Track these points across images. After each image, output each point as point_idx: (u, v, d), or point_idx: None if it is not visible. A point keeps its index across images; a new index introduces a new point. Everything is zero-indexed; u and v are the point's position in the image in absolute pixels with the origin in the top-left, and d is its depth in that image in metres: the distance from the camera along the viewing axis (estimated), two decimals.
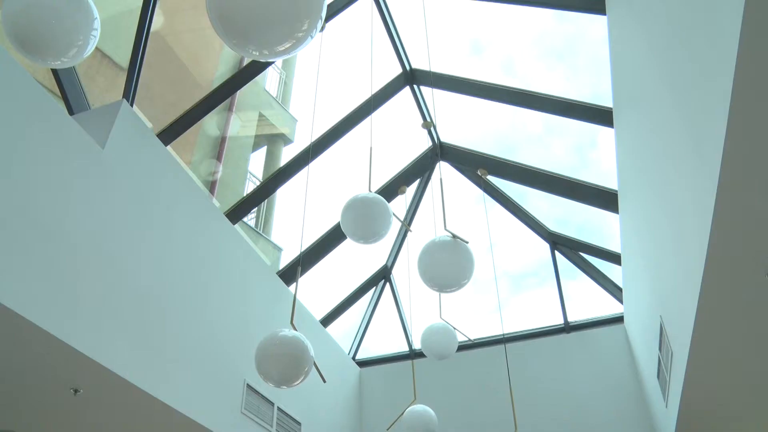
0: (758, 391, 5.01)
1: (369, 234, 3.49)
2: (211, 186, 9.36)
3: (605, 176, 6.92)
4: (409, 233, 7.89)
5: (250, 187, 10.67)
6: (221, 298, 5.83)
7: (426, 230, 8.57)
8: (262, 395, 6.19)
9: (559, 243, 8.32)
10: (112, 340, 4.23)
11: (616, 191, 6.46)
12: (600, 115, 6.13)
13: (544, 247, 8.48)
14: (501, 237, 8.54)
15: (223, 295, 5.88)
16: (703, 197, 3.08)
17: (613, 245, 7.73)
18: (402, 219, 4.67)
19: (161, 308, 4.86)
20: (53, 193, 3.94)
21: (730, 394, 5.04)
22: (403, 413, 4.92)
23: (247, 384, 5.94)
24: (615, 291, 8.20)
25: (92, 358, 4.00)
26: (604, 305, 8.61)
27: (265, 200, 9.23)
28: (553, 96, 6.46)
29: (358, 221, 3.51)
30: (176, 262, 5.17)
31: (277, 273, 7.41)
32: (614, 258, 7.72)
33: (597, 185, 6.95)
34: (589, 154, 8.50)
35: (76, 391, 4.44)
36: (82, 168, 4.25)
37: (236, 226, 6.70)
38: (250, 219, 10.97)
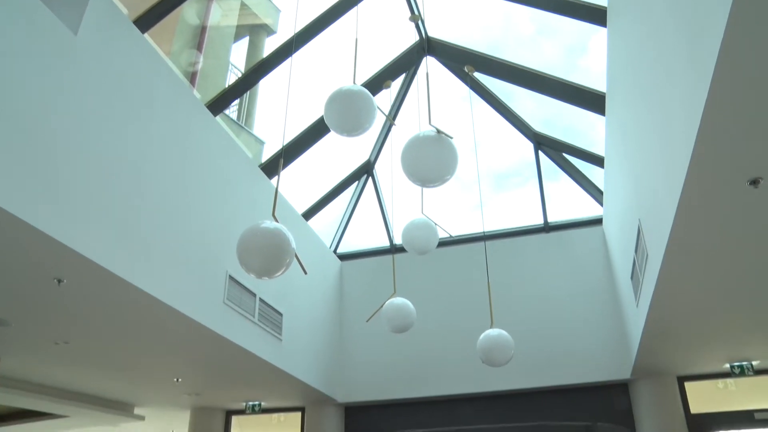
0: (726, 295, 5.17)
1: (352, 127, 3.42)
2: (192, 77, 9.08)
3: (594, 82, 6.83)
4: (393, 128, 7.80)
5: (231, 78, 10.40)
6: (203, 191, 5.79)
7: (410, 125, 8.49)
8: (244, 286, 6.29)
9: (544, 143, 8.30)
10: (94, 231, 4.22)
11: (604, 93, 6.38)
12: (594, 14, 5.95)
13: (528, 147, 8.46)
14: (486, 136, 8.48)
15: (205, 187, 5.84)
16: (692, 103, 3.04)
17: (597, 149, 7.73)
18: (386, 113, 4.59)
19: (143, 200, 4.83)
20: (26, 81, 3.77)
21: (700, 298, 5.20)
22: (382, 306, 5.02)
23: (229, 275, 6.02)
24: (596, 193, 8.28)
25: (74, 249, 3.99)
26: (584, 207, 8.73)
27: (247, 92, 9.02)
28: None
29: (342, 114, 3.44)
30: (157, 153, 5.09)
31: (259, 166, 7.36)
32: (597, 160, 7.74)
33: (585, 86, 6.86)
34: (579, 60, 8.34)
35: (59, 281, 4.48)
36: (55, 55, 4.06)
37: (218, 118, 6.58)
38: (232, 112, 10.76)
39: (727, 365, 7.27)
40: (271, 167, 7.50)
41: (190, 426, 9.27)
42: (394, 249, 8.97)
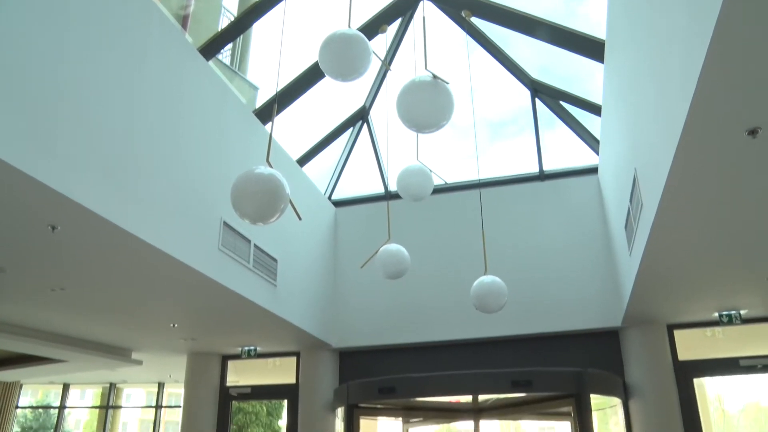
0: (719, 246, 5.19)
1: (348, 71, 3.36)
2: (184, 21, 8.88)
3: (593, 29, 6.71)
4: (388, 73, 7.69)
5: (224, 22, 10.18)
6: (197, 137, 5.73)
7: (406, 71, 8.35)
8: (239, 233, 6.29)
9: (541, 91, 8.21)
10: (87, 178, 4.18)
11: (603, 41, 6.27)
12: None
13: (525, 94, 8.37)
14: (482, 83, 8.38)
15: (199, 133, 5.77)
16: (693, 52, 2.99)
17: (595, 97, 7.65)
18: (382, 58, 4.51)
19: (136, 147, 4.77)
20: (15, 29, 3.64)
21: (692, 248, 5.23)
22: (377, 252, 5.04)
23: (224, 221, 6.01)
24: (592, 142, 8.23)
25: (68, 196, 3.97)
26: (580, 156, 8.70)
27: (240, 36, 8.84)
28: None
29: (337, 58, 3.37)
30: (150, 99, 5.00)
31: (253, 112, 7.27)
32: (595, 109, 7.66)
33: (584, 33, 6.73)
34: (578, 7, 8.18)
35: (53, 228, 4.46)
36: (45, 2, 3.92)
37: (210, 63, 6.46)
38: (224, 56, 10.59)
39: (716, 314, 7.37)
40: (265, 113, 7.41)
41: (187, 370, 9.42)
42: (388, 195, 8.96)
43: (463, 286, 5.99)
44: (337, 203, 9.47)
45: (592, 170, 8.47)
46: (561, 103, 8.22)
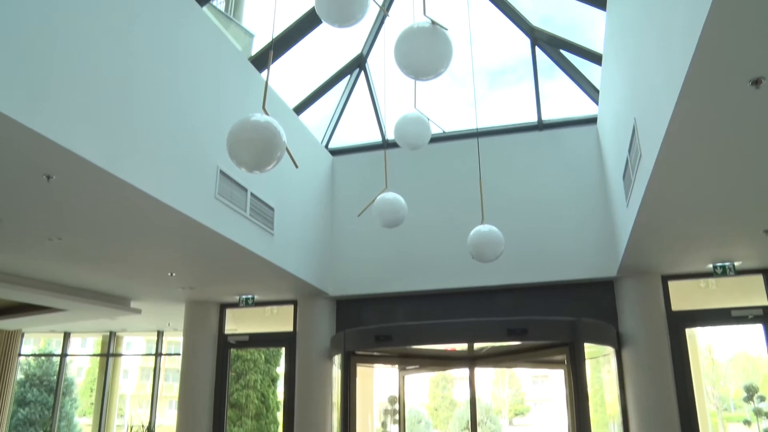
0: (716, 197, 5.19)
1: (345, 17, 3.27)
2: None
3: None
4: (386, 19, 7.54)
5: None
6: (192, 84, 5.64)
7: (404, 17, 8.20)
8: (235, 181, 6.26)
9: (541, 39, 8.08)
10: (82, 126, 4.13)
11: None
12: None
13: (525, 42, 8.24)
14: (481, 30, 8.23)
15: (194, 80, 5.68)
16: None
17: (596, 47, 7.53)
18: (380, 4, 4.42)
19: (131, 95, 4.70)
20: None
21: (690, 199, 5.22)
22: (373, 200, 5.02)
23: (220, 170, 5.98)
24: (592, 92, 8.15)
25: (62, 145, 3.92)
26: (579, 106, 8.62)
27: None
28: None
29: (334, 3, 3.28)
30: (144, 47, 4.90)
31: (249, 59, 7.15)
32: (595, 58, 7.56)
33: None
34: None
35: (48, 177, 4.43)
36: None
37: (205, 9, 6.31)
38: (219, 3, 10.37)
39: (710, 265, 7.43)
40: (261, 60, 7.29)
41: (186, 319, 9.51)
42: (386, 144, 8.90)
43: (460, 235, 6.00)
44: (334, 152, 9.42)
45: (591, 120, 8.41)
46: (561, 51, 8.10)
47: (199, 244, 6.41)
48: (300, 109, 8.60)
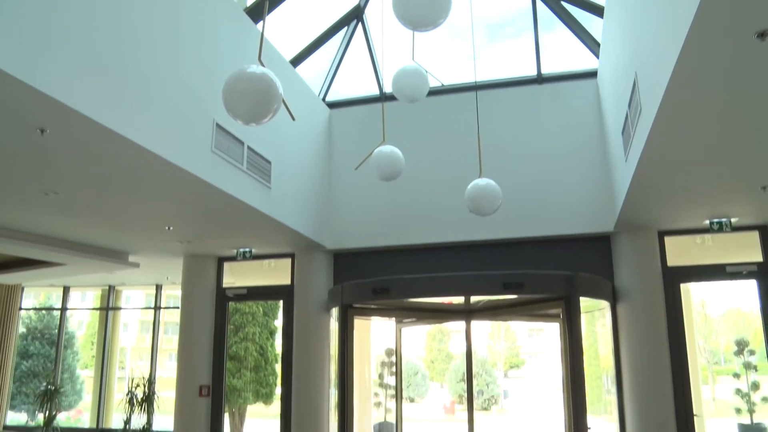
0: (716, 153, 5.16)
1: None
2: None
3: None
4: None
5: None
6: (187, 36, 5.54)
7: None
8: (232, 134, 6.21)
9: None
10: (75, 79, 4.06)
11: None
12: None
13: None
14: None
15: (189, 32, 5.58)
16: None
17: None
18: None
19: (125, 47, 4.61)
20: None
21: (689, 154, 5.19)
22: (371, 153, 4.99)
23: (217, 123, 5.92)
24: (592, 45, 8.04)
25: (55, 97, 3.85)
26: (580, 59, 8.50)
27: None
28: None
29: None
30: None
31: (244, 10, 7.01)
32: (597, 10, 7.44)
33: None
34: None
35: (42, 131, 4.37)
36: None
37: None
38: None
39: (707, 221, 7.44)
40: (257, 11, 7.15)
41: (184, 272, 9.56)
42: (384, 97, 8.81)
43: (457, 188, 5.98)
44: (332, 105, 9.33)
45: (591, 74, 8.31)
46: (562, 3, 7.96)
47: (196, 198, 6.39)
48: (296, 61, 8.48)
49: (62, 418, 13.11)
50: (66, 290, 13.38)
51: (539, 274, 7.34)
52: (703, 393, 9.27)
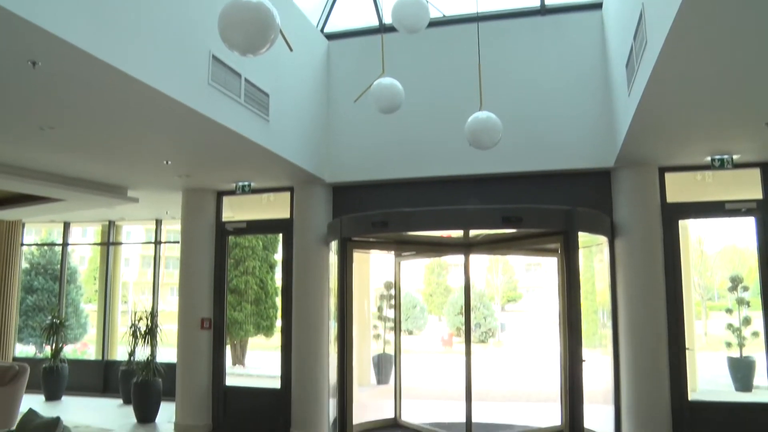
0: (721, 89, 5.07)
1: None
2: None
3: None
4: None
5: None
6: None
7: None
8: (229, 66, 6.11)
9: None
10: (67, 9, 3.93)
11: None
12: None
13: None
14: None
15: None
16: None
17: None
18: None
19: None
20: None
21: (693, 89, 5.10)
22: (370, 86, 4.93)
23: (213, 55, 5.82)
24: None
25: (46, 29, 3.74)
26: None
27: None
28: None
29: None
30: None
31: None
32: None
33: None
34: None
35: (34, 64, 4.28)
36: None
37: None
38: None
39: (708, 158, 7.40)
40: None
41: (183, 207, 9.57)
42: (383, 28, 8.61)
43: (457, 121, 5.92)
44: (330, 36, 9.14)
45: (596, 6, 8.11)
46: None
47: (193, 132, 6.33)
48: None
49: (69, 351, 13.39)
50: (66, 226, 13.43)
51: (538, 208, 7.35)
52: (696, 328, 9.46)
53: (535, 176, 8.24)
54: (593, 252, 8.59)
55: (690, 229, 8.34)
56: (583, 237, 7.33)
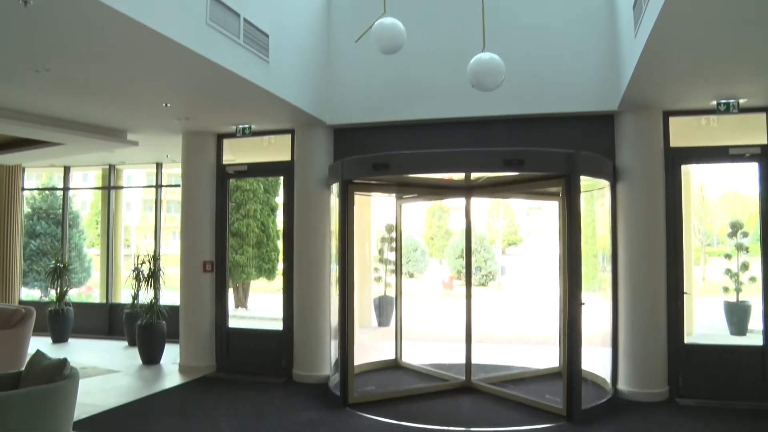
0: (729, 32, 4.96)
1: None
2: None
3: None
4: None
5: None
6: None
7: None
8: (227, 6, 5.98)
9: None
10: None
11: None
12: None
13: None
14: None
15: None
16: None
17: None
18: None
19: None
20: None
21: (701, 32, 4.98)
22: (371, 26, 4.83)
23: None
24: None
25: None
26: None
27: None
28: None
29: None
30: None
31: None
32: None
33: None
34: None
35: (25, 2, 4.17)
36: None
37: None
38: None
39: (714, 102, 7.29)
40: None
41: (183, 150, 9.52)
42: None
43: (460, 63, 5.82)
44: None
45: None
46: None
47: (192, 73, 6.24)
48: None
49: (73, 294, 13.58)
50: (67, 170, 13.41)
51: (540, 151, 7.30)
52: (695, 273, 9.54)
53: (538, 119, 8.16)
54: (594, 196, 8.58)
55: (692, 174, 8.30)
56: (584, 181, 7.30)
